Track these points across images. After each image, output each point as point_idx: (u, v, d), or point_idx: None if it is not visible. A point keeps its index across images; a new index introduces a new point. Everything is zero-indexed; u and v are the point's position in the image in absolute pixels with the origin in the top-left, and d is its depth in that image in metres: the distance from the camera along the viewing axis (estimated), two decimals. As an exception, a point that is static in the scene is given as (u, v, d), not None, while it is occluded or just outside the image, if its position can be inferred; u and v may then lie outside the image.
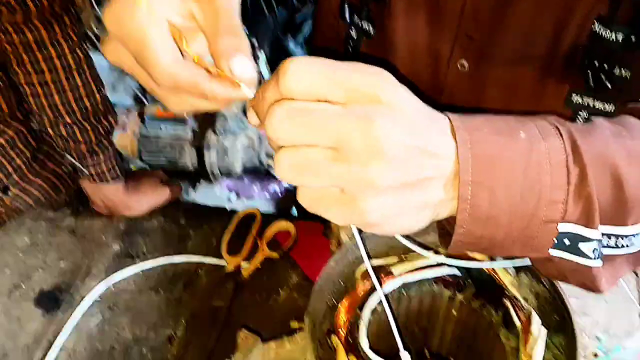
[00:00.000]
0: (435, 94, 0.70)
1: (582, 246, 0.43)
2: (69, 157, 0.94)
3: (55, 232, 1.01)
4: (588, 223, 0.42)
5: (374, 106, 0.38)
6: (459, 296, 0.63)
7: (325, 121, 0.38)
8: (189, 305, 0.89)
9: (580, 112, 0.62)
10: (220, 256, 0.93)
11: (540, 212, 0.42)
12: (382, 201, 0.39)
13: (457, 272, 0.62)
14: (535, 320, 0.55)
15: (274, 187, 1.60)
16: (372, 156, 0.37)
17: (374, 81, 0.38)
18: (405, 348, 0.76)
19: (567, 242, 0.43)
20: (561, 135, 0.43)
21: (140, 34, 0.41)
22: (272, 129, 0.38)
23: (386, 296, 0.62)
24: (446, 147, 0.40)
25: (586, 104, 0.61)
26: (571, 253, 0.43)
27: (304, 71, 0.38)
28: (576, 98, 0.61)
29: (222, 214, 1.02)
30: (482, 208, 0.41)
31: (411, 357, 0.76)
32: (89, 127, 0.92)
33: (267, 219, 0.97)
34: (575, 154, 0.42)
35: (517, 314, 0.56)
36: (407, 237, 0.61)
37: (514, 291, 0.58)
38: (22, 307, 0.90)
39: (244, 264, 0.91)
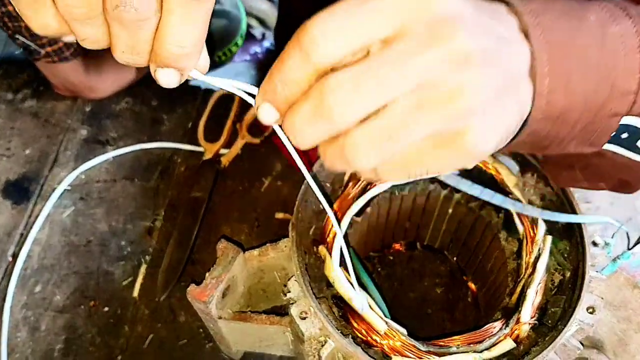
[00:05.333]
0: None
1: None
2: (21, 38, 0.83)
3: (16, 116, 0.93)
4: None
5: (437, 26, 0.30)
6: (456, 195, 0.58)
7: (400, 67, 0.30)
8: (167, 195, 0.84)
9: None
10: (196, 142, 0.87)
11: (610, 103, 0.38)
12: (487, 118, 0.32)
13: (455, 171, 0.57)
14: (541, 227, 0.51)
15: (254, 48, 1.49)
16: (461, 72, 0.30)
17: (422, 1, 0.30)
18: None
19: (625, 135, 0.40)
20: (631, 17, 0.37)
21: None
22: (340, 109, 0.30)
23: (376, 197, 0.57)
24: (517, 40, 0.34)
25: None
26: (626, 148, 0.41)
27: (334, 27, 0.30)
28: None
29: (196, 94, 0.94)
30: (557, 103, 0.36)
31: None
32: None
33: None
34: None
35: (520, 220, 0.52)
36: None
37: (518, 194, 0.53)
38: (-11, 199, 0.84)
39: (223, 151, 0.85)
